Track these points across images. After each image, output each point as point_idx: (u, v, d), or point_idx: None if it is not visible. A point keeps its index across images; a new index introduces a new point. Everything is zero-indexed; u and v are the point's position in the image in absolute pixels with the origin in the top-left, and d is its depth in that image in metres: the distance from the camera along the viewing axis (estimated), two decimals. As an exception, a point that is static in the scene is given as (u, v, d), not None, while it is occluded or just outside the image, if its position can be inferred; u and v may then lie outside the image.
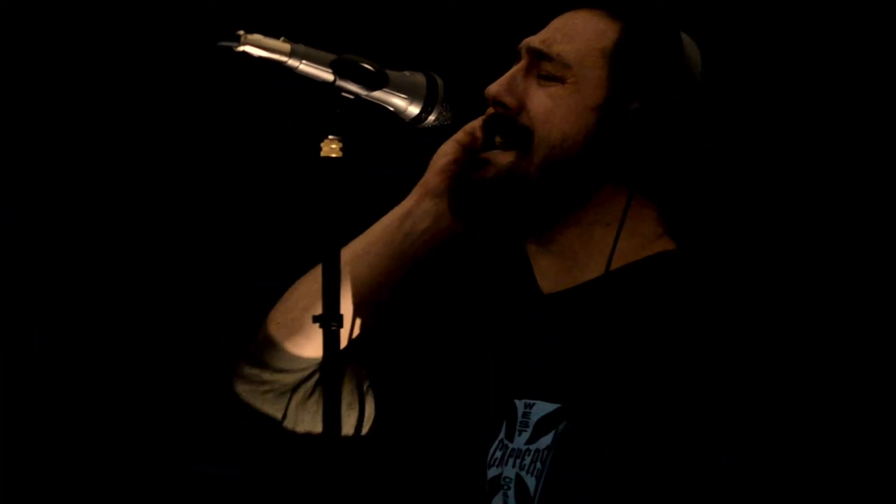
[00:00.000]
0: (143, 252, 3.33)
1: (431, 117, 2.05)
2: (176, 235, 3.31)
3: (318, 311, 2.08)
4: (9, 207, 3.27)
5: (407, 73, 2.04)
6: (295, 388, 2.27)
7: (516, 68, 2.13)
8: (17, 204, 3.28)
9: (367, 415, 2.25)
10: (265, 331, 2.26)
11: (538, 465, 2.00)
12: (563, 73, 2.09)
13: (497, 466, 2.08)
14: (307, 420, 2.29)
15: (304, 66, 1.91)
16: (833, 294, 2.60)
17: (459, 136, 2.18)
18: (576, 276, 2.10)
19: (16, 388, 3.31)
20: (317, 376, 2.26)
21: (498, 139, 2.12)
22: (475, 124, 2.17)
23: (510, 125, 2.10)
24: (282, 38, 1.90)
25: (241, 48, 1.85)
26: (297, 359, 2.23)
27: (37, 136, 3.27)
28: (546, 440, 2.01)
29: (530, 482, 2.01)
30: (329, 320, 1.94)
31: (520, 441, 2.05)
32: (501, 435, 2.09)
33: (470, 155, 2.15)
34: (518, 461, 2.04)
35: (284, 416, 2.28)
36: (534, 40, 2.13)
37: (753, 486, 1.86)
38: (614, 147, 2.06)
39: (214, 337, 3.15)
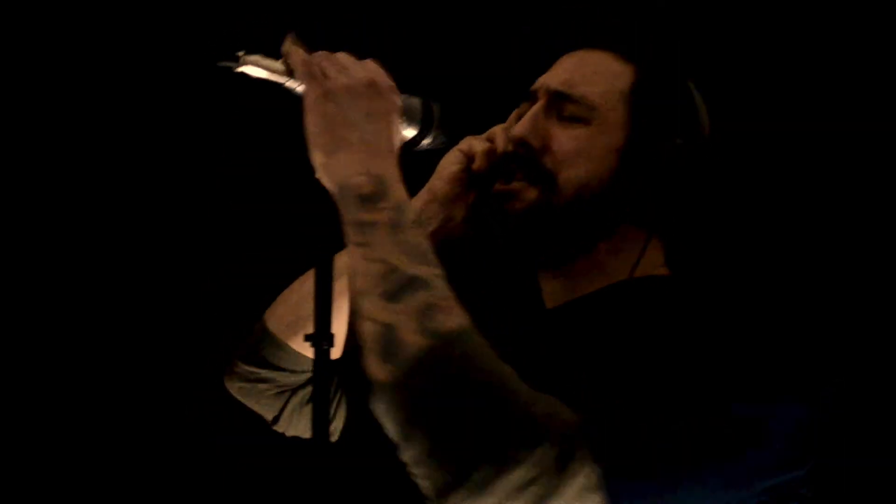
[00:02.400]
0: (141, 251, 3.34)
1: (426, 140, 2.07)
2: (171, 234, 3.33)
3: None
4: (6, 207, 3.29)
5: (403, 96, 2.05)
6: (294, 391, 2.27)
7: (537, 108, 2.14)
8: (14, 203, 3.30)
9: (336, 424, 2.26)
10: (265, 328, 2.24)
11: None
12: (587, 115, 2.10)
13: None
14: (300, 426, 2.29)
15: (303, 88, 1.92)
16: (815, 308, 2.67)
17: (463, 146, 2.20)
18: (576, 293, 2.14)
19: (14, 388, 3.33)
20: None
21: (519, 176, 2.13)
22: (471, 141, 2.20)
23: (533, 166, 2.11)
24: (281, 60, 1.92)
25: (240, 69, 1.88)
26: (302, 358, 2.23)
27: (32, 134, 3.29)
28: None
29: None
30: (321, 339, 1.91)
31: None
32: None
33: (487, 174, 2.17)
34: None
35: (277, 418, 2.28)
36: (553, 82, 2.14)
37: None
38: (635, 188, 2.09)
39: (214, 337, 3.16)
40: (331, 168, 1.88)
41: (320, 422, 1.91)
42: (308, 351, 2.18)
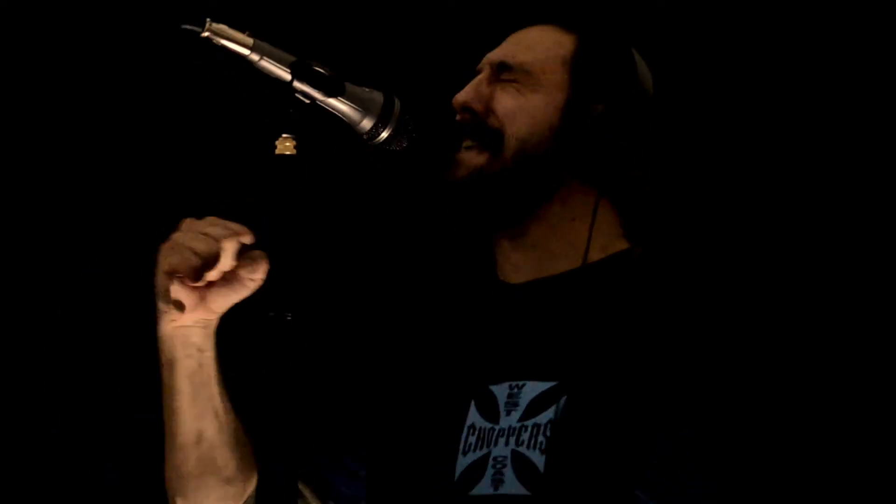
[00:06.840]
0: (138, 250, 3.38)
1: (384, 133, 2.13)
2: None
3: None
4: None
5: (367, 89, 2.14)
6: None
7: (479, 77, 2.29)
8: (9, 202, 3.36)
9: None
10: None
11: (540, 438, 2.08)
12: (525, 78, 2.25)
13: (477, 450, 2.13)
14: None
15: (264, 63, 2.01)
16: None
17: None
18: (546, 268, 2.24)
19: (11, 388, 3.37)
20: None
21: (468, 143, 2.25)
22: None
23: (480, 128, 2.25)
24: (247, 32, 2.01)
25: (205, 34, 1.96)
26: None
27: (23, 132, 3.37)
28: (546, 415, 2.09)
29: (534, 456, 2.08)
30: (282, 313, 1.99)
31: (511, 420, 2.12)
32: (471, 421, 2.15)
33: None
34: (513, 438, 2.10)
35: None
36: (494, 54, 2.30)
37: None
38: (578, 145, 2.22)
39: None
40: None
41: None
42: None
